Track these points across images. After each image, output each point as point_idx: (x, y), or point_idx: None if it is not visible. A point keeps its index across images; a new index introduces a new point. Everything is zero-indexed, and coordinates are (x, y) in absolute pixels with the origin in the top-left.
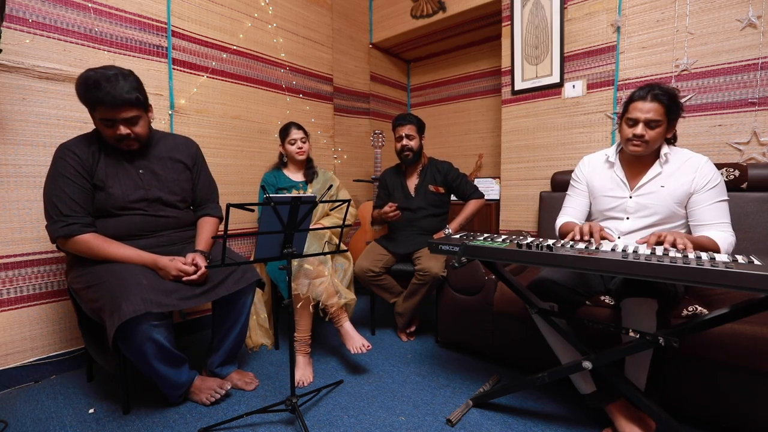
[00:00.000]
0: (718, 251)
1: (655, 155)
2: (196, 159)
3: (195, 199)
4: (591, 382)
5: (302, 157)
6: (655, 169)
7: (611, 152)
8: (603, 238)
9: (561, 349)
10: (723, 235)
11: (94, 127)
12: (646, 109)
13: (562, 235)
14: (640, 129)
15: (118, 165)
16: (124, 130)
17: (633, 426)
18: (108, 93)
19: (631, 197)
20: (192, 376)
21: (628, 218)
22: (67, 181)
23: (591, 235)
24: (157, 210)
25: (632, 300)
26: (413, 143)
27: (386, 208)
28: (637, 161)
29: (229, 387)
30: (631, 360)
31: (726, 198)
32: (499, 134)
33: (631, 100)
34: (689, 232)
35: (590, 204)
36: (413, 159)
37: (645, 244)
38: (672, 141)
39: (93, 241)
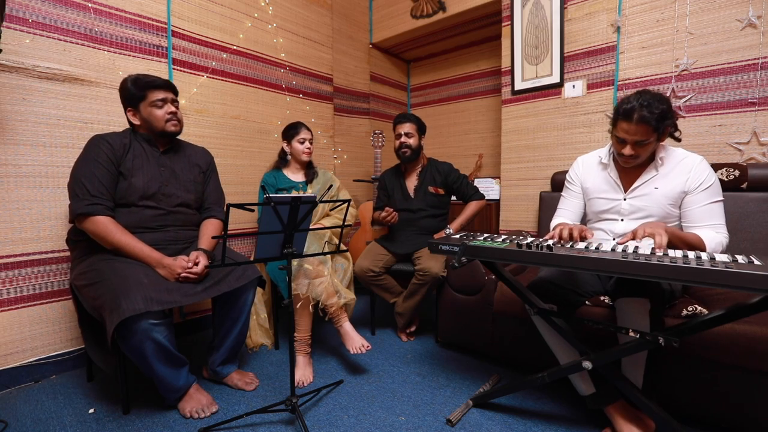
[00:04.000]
0: (703, 249)
1: (650, 158)
2: (210, 166)
3: (203, 201)
4: (590, 383)
5: (308, 158)
6: (650, 172)
7: (604, 153)
8: (583, 238)
9: (560, 350)
10: (712, 234)
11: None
12: (632, 131)
13: None
14: (628, 150)
15: (144, 159)
16: (174, 107)
17: (632, 426)
18: (159, 78)
19: (625, 199)
20: (190, 381)
21: (622, 220)
22: (98, 165)
23: (571, 238)
24: (170, 205)
25: (625, 300)
26: (412, 141)
27: (383, 214)
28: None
29: (215, 409)
30: (628, 360)
31: (720, 198)
32: (499, 134)
33: (617, 114)
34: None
35: (585, 205)
36: (411, 157)
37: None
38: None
39: (110, 225)
